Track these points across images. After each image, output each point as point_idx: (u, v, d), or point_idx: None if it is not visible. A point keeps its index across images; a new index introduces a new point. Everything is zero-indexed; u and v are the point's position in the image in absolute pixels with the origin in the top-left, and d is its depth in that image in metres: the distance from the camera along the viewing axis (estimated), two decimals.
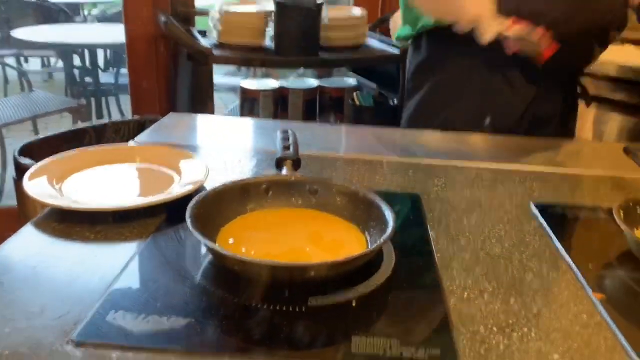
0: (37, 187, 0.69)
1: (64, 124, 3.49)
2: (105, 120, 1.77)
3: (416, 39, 1.16)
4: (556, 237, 0.67)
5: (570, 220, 0.73)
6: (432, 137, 1.10)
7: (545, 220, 0.71)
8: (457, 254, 0.63)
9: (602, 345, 0.49)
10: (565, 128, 1.15)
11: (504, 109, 1.07)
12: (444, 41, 1.09)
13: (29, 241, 0.62)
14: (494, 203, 0.77)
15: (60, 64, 4.07)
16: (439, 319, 0.51)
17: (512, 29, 0.88)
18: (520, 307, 0.54)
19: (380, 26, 2.20)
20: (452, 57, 1.10)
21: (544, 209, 0.75)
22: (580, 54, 1.07)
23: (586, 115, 1.68)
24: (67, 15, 3.93)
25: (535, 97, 1.07)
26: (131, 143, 0.93)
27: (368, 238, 0.62)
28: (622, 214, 0.63)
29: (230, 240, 0.61)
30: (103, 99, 3.42)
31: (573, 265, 0.61)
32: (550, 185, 0.85)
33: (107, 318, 0.48)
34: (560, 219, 0.73)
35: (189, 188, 0.69)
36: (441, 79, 1.12)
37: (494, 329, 0.50)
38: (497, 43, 0.98)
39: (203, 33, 1.93)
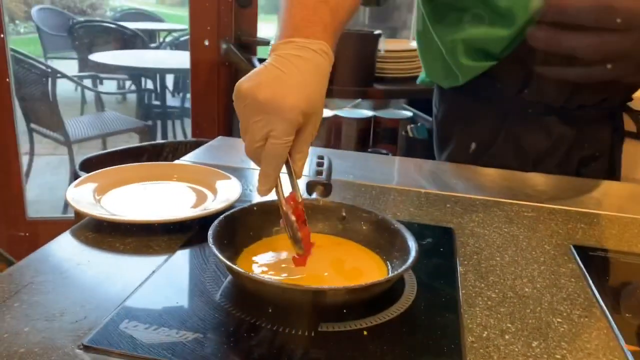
0: (79, 196, 0.72)
1: (131, 144, 3.68)
2: (163, 140, 1.85)
3: (441, 88, 1.11)
4: (593, 282, 0.63)
5: (611, 266, 0.68)
6: (475, 173, 1.07)
7: (584, 264, 0.67)
8: (484, 292, 0.60)
9: None
10: (612, 167, 1.08)
11: (544, 156, 1.02)
12: (469, 94, 1.03)
13: (63, 247, 0.65)
14: (532, 242, 0.74)
15: (133, 87, 4.30)
16: (453, 357, 0.49)
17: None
18: (543, 352, 0.51)
19: None
20: (478, 107, 1.04)
21: (584, 252, 0.71)
22: (630, 87, 1.00)
23: (636, 155, 1.59)
24: (143, 41, 4.17)
25: (578, 137, 1.00)
26: (176, 162, 0.97)
27: (390, 268, 0.61)
28: None
29: (251, 261, 0.61)
30: (169, 122, 3.57)
31: (607, 313, 0.57)
32: (595, 228, 0.80)
33: (120, 326, 0.49)
34: (600, 263, 0.68)
35: (220, 206, 0.70)
36: (472, 132, 1.06)
37: None
38: (525, 92, 0.95)
39: (263, 61, 1.99)
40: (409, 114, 2.20)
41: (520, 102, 0.98)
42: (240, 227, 0.64)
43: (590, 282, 0.64)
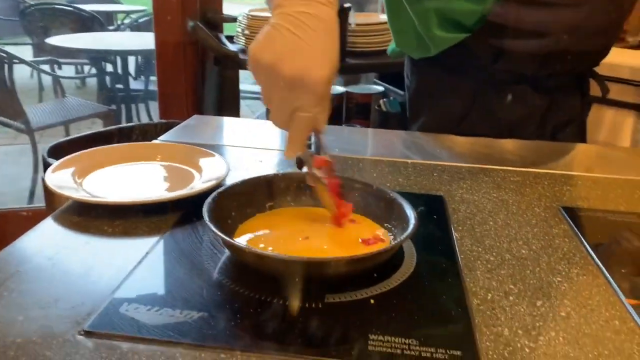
0: (59, 180, 0.69)
1: (95, 129, 3.57)
2: (132, 123, 1.80)
3: (412, 59, 1.09)
4: (586, 240, 0.64)
5: (602, 225, 0.70)
6: (457, 142, 1.08)
7: (575, 224, 0.68)
8: (482, 256, 0.61)
9: (635, 352, 0.46)
10: (582, 132, 1.10)
11: (519, 125, 1.02)
12: (441, 65, 1.02)
13: (47, 233, 0.62)
14: (522, 206, 0.74)
15: (93, 71, 4.17)
16: (461, 319, 0.49)
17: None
18: (548, 310, 0.51)
19: None
20: (452, 77, 1.03)
21: (573, 213, 0.72)
22: (595, 54, 1.02)
23: (601, 119, 1.63)
24: (101, 23, 4.03)
25: (551, 105, 1.01)
26: (155, 142, 0.94)
27: (391, 236, 0.61)
28: None
29: (248, 237, 0.60)
30: (133, 106, 3.48)
31: (604, 270, 0.58)
32: (581, 189, 0.81)
33: (120, 310, 0.47)
34: (590, 222, 0.70)
35: (209, 184, 0.68)
36: (446, 104, 1.05)
37: (519, 331, 0.48)
38: (498, 63, 0.95)
39: (231, 39, 1.95)
40: (380, 88, 2.19)
41: (493, 72, 0.98)
42: (233, 204, 0.62)
43: (584, 241, 0.65)
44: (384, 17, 1.94)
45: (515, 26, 0.92)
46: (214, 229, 0.53)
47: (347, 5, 1.73)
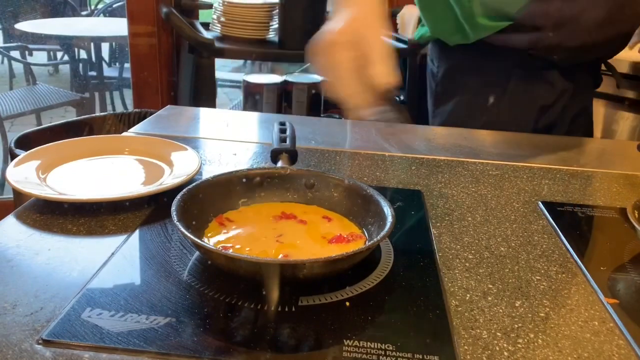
0: (21, 175, 0.66)
1: (68, 118, 3.48)
2: (105, 113, 1.75)
3: (442, 44, 1.10)
4: (565, 237, 0.63)
5: (581, 220, 0.69)
6: (435, 133, 1.06)
7: (554, 220, 0.68)
8: (460, 254, 0.59)
9: (614, 354, 0.45)
10: (591, 122, 1.13)
11: (546, 109, 1.04)
12: (476, 49, 1.03)
13: (7, 233, 0.58)
14: (500, 201, 0.73)
15: (66, 57, 4.06)
16: (439, 322, 0.47)
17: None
18: (527, 311, 0.50)
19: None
20: (487, 61, 1.04)
21: (552, 208, 0.71)
22: (610, 50, 1.05)
23: (596, 114, 1.64)
24: (73, 8, 3.92)
25: (573, 93, 1.03)
26: (125, 134, 0.90)
27: (366, 234, 0.59)
28: (636, 214, 0.59)
29: (220, 236, 0.57)
30: (107, 94, 3.40)
31: (583, 268, 0.57)
32: (559, 183, 0.81)
33: (82, 316, 0.45)
34: (569, 218, 0.69)
35: (178, 180, 0.66)
36: (477, 84, 1.06)
37: (498, 334, 0.47)
38: (534, 49, 0.96)
39: (206, 26, 1.90)
40: None
41: (527, 57, 0.99)
42: (204, 201, 0.60)
43: (563, 237, 0.64)
44: None
45: (555, 15, 0.93)
46: (182, 229, 0.50)
47: None
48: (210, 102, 1.81)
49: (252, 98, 2.09)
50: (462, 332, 0.46)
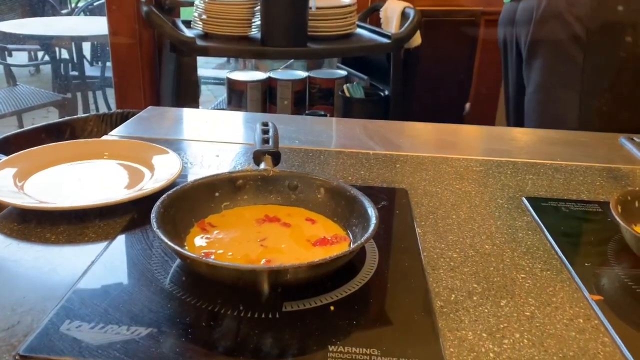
0: None
1: (50, 119, 3.43)
2: (87, 114, 1.72)
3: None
4: (550, 233, 0.63)
5: (565, 215, 0.69)
6: (418, 130, 1.06)
7: (538, 216, 0.67)
8: (445, 253, 0.59)
9: (600, 352, 0.45)
10: None
11: None
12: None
13: None
14: (485, 198, 0.73)
15: (47, 57, 4.00)
16: (424, 324, 0.47)
17: None
18: (512, 310, 0.50)
19: (370, 16, 2.15)
20: None
21: (536, 203, 0.71)
22: None
23: None
24: (53, 7, 3.86)
25: None
26: (106, 137, 0.89)
27: (350, 236, 0.58)
28: (619, 209, 0.59)
29: (204, 241, 0.56)
30: (90, 93, 3.35)
31: (568, 264, 0.57)
32: (543, 178, 0.81)
33: (60, 329, 0.44)
34: (553, 213, 0.69)
35: (158, 185, 0.65)
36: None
37: (484, 335, 0.46)
38: None
39: (188, 24, 1.88)
40: (343, 72, 2.16)
41: None
42: (185, 206, 0.59)
43: (547, 233, 0.64)
44: (345, 0, 1.91)
45: None
46: (162, 237, 0.49)
47: None
48: (193, 101, 1.79)
49: (237, 95, 2.07)
50: (448, 334, 0.46)
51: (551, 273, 0.56)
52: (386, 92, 1.97)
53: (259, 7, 1.74)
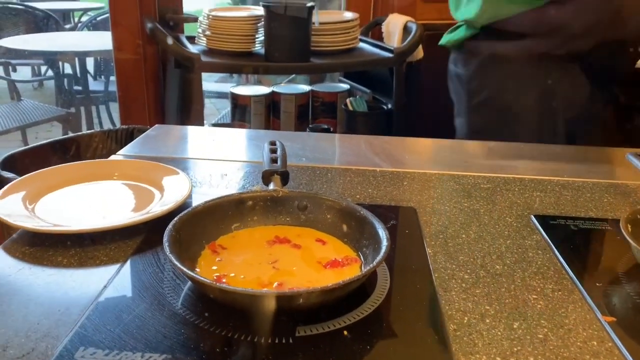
0: (8, 207, 0.65)
1: (54, 134, 3.45)
2: (92, 130, 1.73)
3: (470, 40, 1.14)
4: (559, 252, 0.63)
5: (574, 234, 0.69)
6: (424, 146, 1.07)
7: (547, 234, 0.68)
8: (456, 274, 0.59)
9: None
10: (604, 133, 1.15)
11: (569, 102, 1.07)
12: (503, 37, 1.07)
13: None
14: (493, 216, 0.73)
15: (50, 72, 4.02)
16: (438, 348, 0.47)
17: None
18: (525, 333, 0.50)
19: (372, 30, 2.16)
20: (519, 68, 1.07)
21: (545, 222, 0.71)
22: (617, 63, 1.06)
23: None
24: (57, 22, 3.88)
25: (591, 94, 1.07)
26: (114, 157, 0.89)
27: (361, 257, 0.58)
28: (629, 228, 0.59)
29: (214, 264, 0.57)
30: (93, 108, 3.37)
31: (579, 284, 0.57)
32: (550, 195, 0.81)
33: (75, 356, 0.44)
34: (563, 232, 0.69)
35: (167, 207, 0.65)
36: (507, 74, 1.09)
37: (498, 358, 0.46)
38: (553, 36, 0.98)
39: (192, 39, 1.89)
40: (346, 86, 2.17)
41: (560, 59, 1.03)
42: (196, 229, 0.59)
43: (557, 252, 0.64)
44: (348, 15, 1.92)
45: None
46: (175, 262, 0.49)
47: (310, 4, 1.70)
48: (198, 116, 1.80)
49: (241, 110, 2.08)
50: (462, 358, 0.46)
51: (563, 293, 0.56)
52: (389, 106, 1.98)
53: (262, 23, 1.75)
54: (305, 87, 2.15)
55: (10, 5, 3.89)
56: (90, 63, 3.66)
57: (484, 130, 1.18)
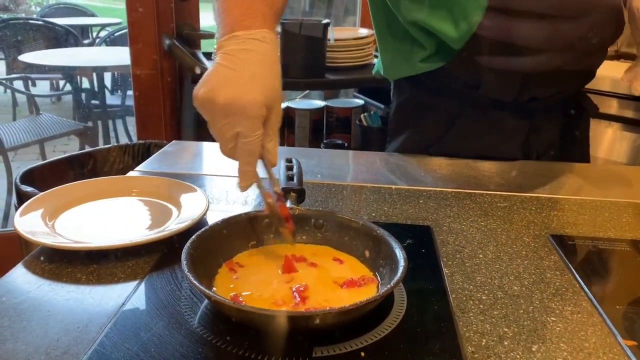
0: (28, 223, 0.66)
1: (71, 147, 3.49)
2: (109, 145, 1.75)
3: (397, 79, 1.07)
4: (578, 273, 0.63)
5: (592, 254, 0.68)
6: (442, 164, 1.06)
7: (566, 255, 0.67)
8: (474, 295, 0.59)
9: None
10: (574, 150, 1.07)
11: (499, 149, 1.00)
12: (425, 85, 1.00)
13: (17, 285, 0.58)
14: (511, 235, 0.73)
15: (68, 87, 4.09)
16: None
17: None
18: (544, 356, 0.49)
19: None
20: (434, 102, 1.00)
21: (562, 242, 0.70)
22: (583, 76, 0.99)
23: (600, 135, 1.65)
24: (75, 38, 3.96)
25: (531, 130, 0.99)
26: (132, 173, 0.90)
27: (378, 277, 0.58)
28: None
29: (231, 283, 0.57)
30: (110, 122, 3.42)
31: (599, 307, 0.57)
32: (568, 214, 0.80)
33: None
34: (581, 253, 0.68)
35: (185, 225, 0.65)
36: (425, 124, 1.03)
37: None
38: (479, 89, 0.93)
39: (209, 55, 1.92)
40: (360, 102, 2.18)
41: (473, 96, 0.96)
42: (213, 246, 0.59)
43: (575, 274, 0.63)
44: (363, 32, 1.93)
45: (500, 41, 0.88)
46: (194, 281, 0.50)
47: (326, 21, 1.72)
48: None
49: None
50: None
51: (582, 316, 0.56)
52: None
53: (278, 39, 1.77)
54: (320, 103, 2.16)
55: (30, 21, 3.98)
56: (107, 78, 3.71)
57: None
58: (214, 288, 0.55)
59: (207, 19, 2.31)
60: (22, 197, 1.31)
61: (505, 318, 0.55)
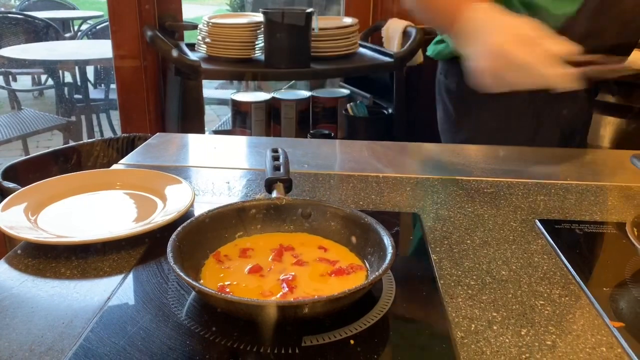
0: (10, 218, 0.64)
1: (55, 143, 3.45)
2: (93, 139, 1.73)
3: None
4: (565, 257, 0.63)
5: (579, 238, 0.68)
6: (426, 150, 1.06)
7: (553, 239, 0.67)
8: (462, 280, 0.59)
9: None
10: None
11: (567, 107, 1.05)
12: None
13: (0, 280, 0.57)
14: (498, 221, 0.73)
15: (50, 81, 4.03)
16: (446, 357, 0.46)
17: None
18: (533, 339, 0.49)
19: (372, 35, 2.17)
20: None
21: (550, 226, 0.70)
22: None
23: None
24: (56, 31, 3.89)
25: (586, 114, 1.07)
26: (116, 166, 0.89)
27: (367, 265, 0.58)
28: (636, 232, 0.59)
29: (218, 274, 0.56)
30: (94, 116, 3.37)
31: (586, 289, 0.57)
32: (554, 199, 0.81)
33: None
34: (568, 236, 0.68)
35: (170, 217, 0.65)
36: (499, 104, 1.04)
37: None
38: None
39: (192, 47, 1.90)
40: (346, 91, 2.17)
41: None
42: (200, 238, 0.59)
43: (563, 257, 0.63)
44: (347, 21, 1.92)
45: None
46: (180, 273, 0.49)
47: (309, 10, 1.70)
48: (199, 124, 1.80)
49: (241, 116, 2.08)
50: None
51: (570, 299, 0.56)
52: (389, 110, 1.98)
53: (262, 29, 1.75)
54: (306, 93, 2.15)
55: (9, 15, 3.90)
56: (90, 71, 3.66)
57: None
58: (201, 280, 0.55)
59: (189, 10, 2.28)
60: (4, 194, 1.28)
61: (494, 303, 0.55)
